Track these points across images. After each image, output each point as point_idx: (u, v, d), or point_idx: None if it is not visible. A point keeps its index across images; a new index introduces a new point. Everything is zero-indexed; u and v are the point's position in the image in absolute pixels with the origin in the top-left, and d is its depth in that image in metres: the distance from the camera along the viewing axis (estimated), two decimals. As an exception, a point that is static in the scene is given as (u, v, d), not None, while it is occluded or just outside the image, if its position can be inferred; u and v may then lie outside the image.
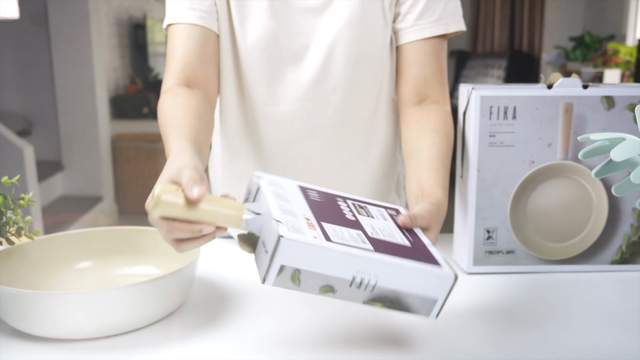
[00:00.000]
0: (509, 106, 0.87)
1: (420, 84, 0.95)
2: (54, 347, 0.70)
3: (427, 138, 0.89)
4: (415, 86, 0.95)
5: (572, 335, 0.72)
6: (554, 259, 0.91)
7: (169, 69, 0.93)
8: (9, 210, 0.81)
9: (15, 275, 0.80)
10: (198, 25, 0.92)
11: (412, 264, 0.63)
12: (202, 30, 0.93)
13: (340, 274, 0.60)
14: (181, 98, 0.88)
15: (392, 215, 0.73)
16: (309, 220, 0.63)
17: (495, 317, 0.77)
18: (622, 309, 0.79)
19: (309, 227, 0.62)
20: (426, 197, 0.79)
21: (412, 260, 0.63)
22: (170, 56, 0.94)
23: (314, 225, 0.62)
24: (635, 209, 0.90)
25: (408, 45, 0.96)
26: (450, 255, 0.99)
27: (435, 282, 0.64)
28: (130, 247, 0.89)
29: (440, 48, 0.96)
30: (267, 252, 0.60)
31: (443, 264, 0.66)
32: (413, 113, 0.95)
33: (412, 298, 0.64)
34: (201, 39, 0.93)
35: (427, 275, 0.63)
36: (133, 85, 5.04)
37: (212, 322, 0.76)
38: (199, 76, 0.93)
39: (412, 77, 0.95)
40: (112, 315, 0.69)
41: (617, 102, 0.87)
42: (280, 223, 0.59)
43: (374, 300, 0.64)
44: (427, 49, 0.95)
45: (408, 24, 0.95)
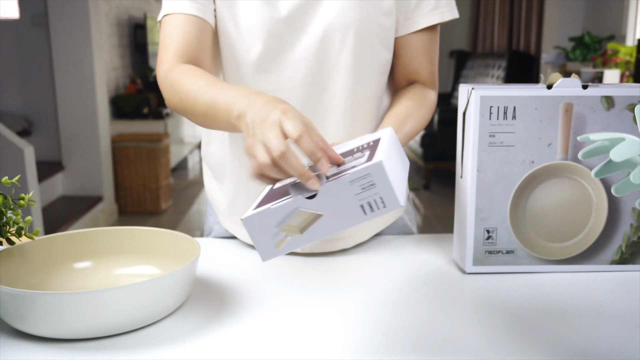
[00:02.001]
0: (509, 106, 0.87)
1: (410, 72, 1.03)
2: (54, 347, 0.70)
3: (399, 101, 0.97)
4: (405, 74, 1.03)
5: (572, 335, 0.72)
6: (553, 259, 0.91)
7: (168, 50, 0.93)
8: (9, 210, 0.81)
9: (15, 275, 0.80)
10: (197, 17, 0.93)
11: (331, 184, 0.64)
12: (200, 21, 0.94)
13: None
14: (197, 70, 0.89)
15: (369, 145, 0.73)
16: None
17: (495, 317, 0.77)
18: (622, 309, 0.79)
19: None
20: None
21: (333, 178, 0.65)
22: (168, 41, 0.93)
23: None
24: (635, 209, 0.90)
25: (402, 37, 1.00)
26: (450, 255, 0.99)
27: (367, 177, 0.63)
28: (130, 247, 0.89)
29: (430, 38, 1.01)
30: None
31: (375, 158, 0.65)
32: (403, 89, 1.02)
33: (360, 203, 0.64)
34: (200, 28, 0.94)
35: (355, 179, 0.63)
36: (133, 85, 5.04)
37: (212, 322, 0.76)
38: (199, 60, 0.94)
39: (403, 67, 1.02)
40: (112, 315, 0.69)
41: (616, 102, 0.87)
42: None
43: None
44: (418, 41, 1.00)
45: (403, 16, 0.98)
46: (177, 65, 0.91)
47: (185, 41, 0.92)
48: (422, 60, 1.01)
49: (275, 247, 0.67)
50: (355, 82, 0.96)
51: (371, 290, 0.86)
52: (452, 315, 0.78)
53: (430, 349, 0.69)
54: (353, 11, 0.93)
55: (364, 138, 0.79)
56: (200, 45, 0.94)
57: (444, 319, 0.77)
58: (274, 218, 0.65)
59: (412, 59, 1.01)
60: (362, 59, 0.96)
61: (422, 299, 0.83)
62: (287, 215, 0.65)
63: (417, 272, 0.92)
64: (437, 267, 0.94)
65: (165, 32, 0.95)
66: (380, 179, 0.63)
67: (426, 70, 1.02)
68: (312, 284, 0.89)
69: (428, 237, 1.09)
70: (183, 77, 0.88)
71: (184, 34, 0.93)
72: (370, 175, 0.63)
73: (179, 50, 0.92)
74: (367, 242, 1.06)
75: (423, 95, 1.00)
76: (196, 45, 0.93)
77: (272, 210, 0.65)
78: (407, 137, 0.94)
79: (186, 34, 0.93)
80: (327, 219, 0.65)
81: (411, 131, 0.95)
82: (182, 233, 0.86)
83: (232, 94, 0.79)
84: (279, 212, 0.65)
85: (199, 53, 0.94)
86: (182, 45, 0.92)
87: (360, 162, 0.66)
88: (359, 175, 0.63)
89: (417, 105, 0.97)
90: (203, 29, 0.94)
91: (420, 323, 0.75)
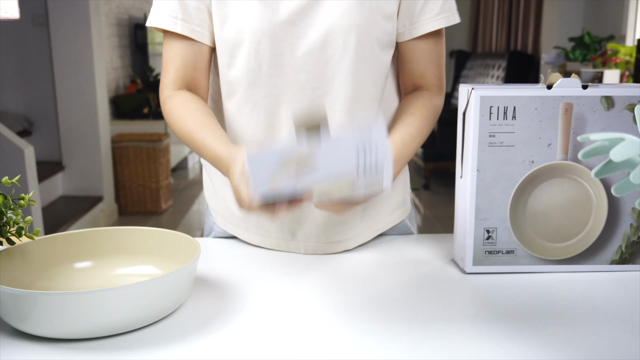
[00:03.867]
0: (509, 106, 0.87)
1: (417, 77, 1.03)
2: (54, 347, 0.70)
3: (402, 118, 0.98)
4: (411, 79, 1.03)
5: (572, 335, 0.72)
6: (553, 259, 0.91)
7: (167, 75, 1.00)
8: (10, 210, 0.81)
9: (15, 275, 0.80)
10: (192, 40, 0.97)
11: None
12: (195, 44, 0.98)
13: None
14: (193, 103, 0.96)
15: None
16: None
17: (495, 317, 0.77)
18: (621, 309, 0.79)
19: None
20: None
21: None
22: (167, 67, 1.00)
23: None
24: (634, 209, 0.90)
25: (407, 42, 1.00)
26: (450, 255, 0.99)
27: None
28: (130, 247, 0.89)
29: (435, 43, 1.01)
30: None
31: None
32: (404, 98, 1.03)
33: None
34: (196, 52, 0.98)
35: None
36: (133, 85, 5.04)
37: (212, 322, 0.76)
38: (197, 82, 1.01)
39: (409, 72, 1.03)
40: (112, 315, 0.69)
41: (616, 102, 0.87)
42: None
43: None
44: (423, 46, 1.00)
45: (408, 21, 0.98)
46: (177, 93, 0.99)
47: (182, 69, 0.99)
48: (428, 64, 1.01)
49: (269, 186, 0.70)
50: (357, 85, 0.96)
51: (371, 290, 0.86)
52: (452, 315, 0.78)
53: (430, 348, 0.69)
54: (354, 14, 0.92)
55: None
56: (195, 70, 1.00)
57: (444, 318, 0.77)
58: (276, 157, 0.69)
59: (418, 64, 1.01)
60: (363, 62, 0.95)
61: (422, 298, 0.83)
62: (288, 157, 0.69)
63: (417, 272, 0.92)
64: (437, 267, 0.94)
65: (165, 57, 1.01)
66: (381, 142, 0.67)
67: (432, 75, 1.02)
68: (312, 284, 0.89)
69: (428, 237, 1.09)
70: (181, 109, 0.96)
71: (180, 62, 0.99)
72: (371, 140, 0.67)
73: (176, 77, 0.99)
74: (367, 242, 1.06)
75: (428, 105, 1.00)
76: (192, 71, 0.99)
77: (277, 150, 0.69)
78: (410, 157, 0.97)
79: (182, 61, 0.99)
80: (324, 168, 0.69)
81: (414, 151, 0.98)
82: (182, 233, 0.86)
83: (213, 155, 0.89)
84: (283, 152, 0.69)
85: (195, 77, 1.00)
86: (179, 72, 0.99)
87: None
88: (364, 135, 0.67)
89: (420, 124, 0.98)
90: (198, 52, 0.99)
91: (421, 323, 0.75)
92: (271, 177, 0.69)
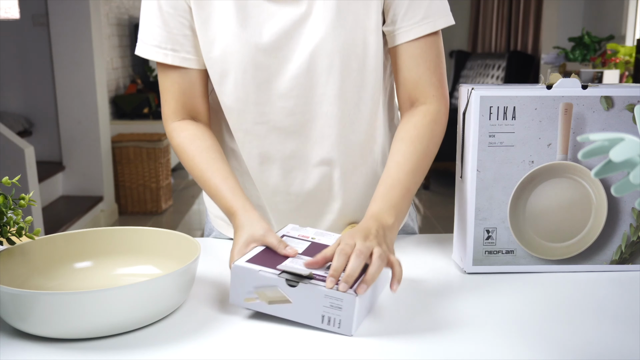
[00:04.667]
0: (509, 106, 0.87)
1: (411, 87, 0.95)
2: (54, 347, 0.70)
3: (394, 149, 0.93)
4: (406, 90, 0.95)
5: (572, 335, 0.72)
6: (553, 259, 0.91)
7: (168, 105, 0.99)
8: (10, 210, 0.81)
9: (15, 275, 0.80)
10: (183, 68, 0.96)
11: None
12: (186, 72, 0.97)
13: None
14: (201, 141, 0.96)
15: None
16: None
17: (495, 317, 0.77)
18: (621, 309, 0.79)
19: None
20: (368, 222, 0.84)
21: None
22: (165, 97, 0.99)
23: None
24: (634, 209, 0.90)
25: (395, 48, 0.94)
26: (450, 255, 0.99)
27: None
28: (130, 247, 0.89)
29: (429, 47, 0.93)
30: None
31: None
32: (399, 124, 0.96)
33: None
34: (188, 79, 0.97)
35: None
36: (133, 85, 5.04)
37: (212, 322, 0.76)
38: (197, 109, 1.00)
39: (403, 81, 0.95)
40: (112, 315, 0.69)
41: (616, 102, 0.87)
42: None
43: None
44: (413, 51, 0.93)
45: (393, 27, 0.93)
46: (179, 128, 0.98)
47: (180, 97, 0.98)
48: (420, 70, 0.93)
49: (244, 300, 0.76)
50: (346, 107, 0.94)
51: (371, 290, 0.86)
52: (452, 315, 0.78)
53: (430, 348, 0.69)
54: (338, 35, 0.90)
55: None
56: (194, 97, 0.99)
57: (444, 318, 0.77)
58: (256, 281, 0.75)
59: (409, 70, 0.94)
60: (350, 83, 0.93)
61: (422, 298, 0.83)
62: (266, 285, 0.75)
63: (417, 272, 0.92)
64: (437, 267, 0.94)
65: (162, 87, 0.99)
66: (348, 309, 0.71)
67: (427, 82, 0.93)
68: (312, 284, 0.88)
69: (428, 237, 1.09)
70: (191, 148, 0.96)
71: (178, 91, 0.98)
72: (342, 301, 0.71)
73: (177, 107, 0.99)
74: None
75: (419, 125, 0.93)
76: (189, 99, 0.99)
77: (258, 274, 0.75)
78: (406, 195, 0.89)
79: (179, 91, 0.98)
80: (293, 308, 0.74)
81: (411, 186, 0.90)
82: (182, 233, 0.86)
83: (227, 208, 0.91)
84: (262, 279, 0.75)
85: (194, 104, 0.99)
86: (179, 102, 0.98)
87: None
88: (334, 295, 0.72)
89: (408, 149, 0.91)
90: (194, 79, 0.98)
91: (420, 323, 0.75)
92: (246, 296, 0.76)
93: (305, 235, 0.87)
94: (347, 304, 0.71)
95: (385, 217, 0.84)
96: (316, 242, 0.85)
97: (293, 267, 0.75)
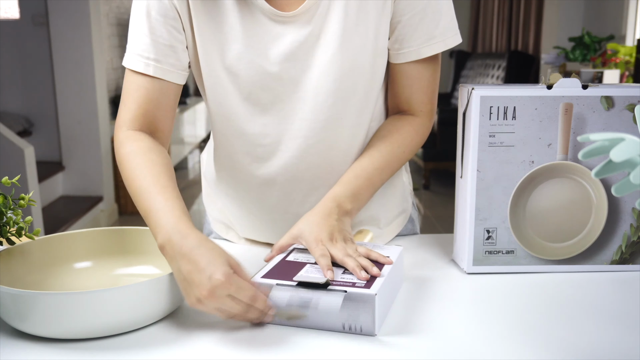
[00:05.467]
0: (509, 106, 0.87)
1: (401, 101, 0.96)
2: (54, 347, 0.70)
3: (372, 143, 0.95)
4: (396, 102, 0.97)
5: (572, 335, 0.72)
6: (553, 259, 0.91)
7: (128, 110, 0.90)
8: (10, 210, 0.81)
9: (15, 275, 0.80)
10: (160, 79, 0.90)
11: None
12: (163, 83, 0.90)
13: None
14: (155, 155, 0.86)
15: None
16: None
17: (495, 317, 0.77)
18: (621, 309, 0.79)
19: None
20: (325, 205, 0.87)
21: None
22: (127, 102, 0.90)
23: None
24: (635, 209, 0.90)
25: (394, 64, 0.94)
26: (450, 255, 0.99)
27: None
28: (130, 247, 0.89)
29: (426, 67, 0.93)
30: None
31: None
32: (385, 121, 0.98)
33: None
34: (162, 90, 0.90)
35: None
36: (133, 85, 5.03)
37: (212, 322, 0.76)
38: (159, 124, 0.92)
39: (394, 94, 0.97)
40: (112, 315, 0.69)
41: (616, 102, 0.87)
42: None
43: None
44: (410, 72, 0.93)
45: (399, 45, 0.91)
46: (132, 138, 0.88)
47: (145, 105, 0.90)
48: (414, 90, 0.94)
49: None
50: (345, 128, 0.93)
51: (371, 290, 0.86)
52: (452, 315, 0.78)
53: (430, 348, 0.69)
54: (347, 59, 0.88)
55: (376, 247, 0.86)
56: (159, 109, 0.91)
57: (444, 318, 0.77)
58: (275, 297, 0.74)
59: (404, 88, 0.94)
60: (353, 104, 0.92)
61: (422, 298, 0.83)
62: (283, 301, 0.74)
63: (417, 272, 0.92)
64: (437, 267, 0.94)
65: (126, 90, 0.91)
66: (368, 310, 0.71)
67: (419, 101, 0.95)
68: (312, 284, 0.88)
69: (428, 237, 1.09)
70: (138, 160, 0.86)
71: (144, 98, 0.90)
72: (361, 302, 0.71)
73: (137, 114, 0.90)
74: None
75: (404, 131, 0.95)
76: (155, 109, 0.91)
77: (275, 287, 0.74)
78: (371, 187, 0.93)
79: (146, 98, 0.90)
80: (311, 319, 0.73)
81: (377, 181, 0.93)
82: (182, 233, 0.86)
83: (159, 223, 0.76)
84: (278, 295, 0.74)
85: (157, 116, 0.91)
86: (142, 109, 0.90)
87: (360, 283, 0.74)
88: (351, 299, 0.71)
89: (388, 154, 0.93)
90: (165, 91, 0.91)
91: (420, 323, 0.75)
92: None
93: None
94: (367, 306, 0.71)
95: (345, 203, 0.88)
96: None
97: (309, 277, 0.75)
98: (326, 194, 0.89)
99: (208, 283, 0.69)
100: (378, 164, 0.92)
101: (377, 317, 0.71)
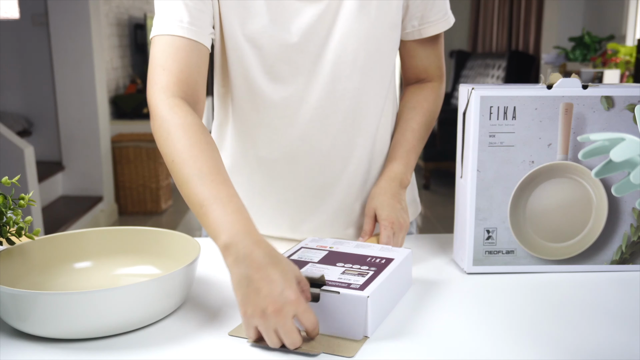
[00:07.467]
0: (509, 106, 0.87)
1: (420, 71, 1.08)
2: (54, 347, 0.70)
3: (408, 116, 1.05)
4: (414, 73, 1.09)
5: (572, 335, 0.72)
6: (553, 259, 0.91)
7: (165, 75, 0.86)
8: (9, 210, 0.81)
9: (15, 275, 0.80)
10: (197, 42, 0.88)
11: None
12: (200, 46, 0.89)
13: None
14: (210, 138, 0.82)
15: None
16: None
17: (495, 317, 0.77)
18: (622, 309, 0.79)
19: None
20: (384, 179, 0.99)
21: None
22: (166, 64, 0.86)
23: None
24: (635, 209, 0.90)
25: (411, 42, 1.04)
26: (450, 255, 0.99)
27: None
28: (130, 247, 0.89)
29: (438, 40, 1.06)
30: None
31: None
32: (407, 91, 1.09)
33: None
34: (200, 55, 0.89)
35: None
36: (133, 85, 5.04)
37: (212, 322, 0.76)
38: (198, 93, 0.89)
39: (413, 66, 1.08)
40: (112, 315, 0.69)
41: (616, 102, 0.87)
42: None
43: None
44: (429, 44, 1.05)
45: (418, 22, 1.01)
46: (178, 105, 0.83)
47: (186, 69, 0.86)
48: (430, 59, 1.07)
49: None
50: (361, 100, 0.98)
51: (371, 290, 0.86)
52: (452, 315, 0.78)
53: (430, 348, 0.69)
54: (364, 31, 0.94)
55: (384, 249, 0.87)
56: (199, 75, 0.88)
57: (444, 319, 0.77)
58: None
59: (422, 60, 1.06)
60: (370, 77, 0.98)
61: (422, 298, 0.83)
62: None
63: (417, 272, 0.92)
64: (437, 267, 0.94)
65: (162, 54, 0.87)
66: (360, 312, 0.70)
67: (434, 67, 1.07)
68: (312, 284, 0.88)
69: (428, 237, 1.09)
70: (181, 140, 0.79)
71: (184, 60, 0.86)
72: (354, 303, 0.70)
73: (180, 79, 0.86)
74: (367, 242, 1.06)
75: (430, 99, 1.07)
76: (196, 75, 0.88)
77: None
78: (417, 150, 1.04)
79: (186, 61, 0.87)
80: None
81: (421, 143, 1.05)
82: (182, 233, 0.86)
83: (227, 219, 0.71)
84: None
85: (198, 83, 0.88)
86: (184, 73, 0.86)
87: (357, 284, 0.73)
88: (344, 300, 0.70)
89: (423, 118, 1.05)
90: (202, 56, 0.89)
91: (420, 323, 0.75)
92: None
93: (323, 245, 0.88)
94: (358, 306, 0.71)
95: (404, 178, 1.00)
96: (334, 251, 0.85)
97: (306, 271, 0.75)
98: (386, 171, 1.00)
99: (279, 298, 0.64)
100: (419, 134, 1.04)
101: (370, 319, 0.71)
